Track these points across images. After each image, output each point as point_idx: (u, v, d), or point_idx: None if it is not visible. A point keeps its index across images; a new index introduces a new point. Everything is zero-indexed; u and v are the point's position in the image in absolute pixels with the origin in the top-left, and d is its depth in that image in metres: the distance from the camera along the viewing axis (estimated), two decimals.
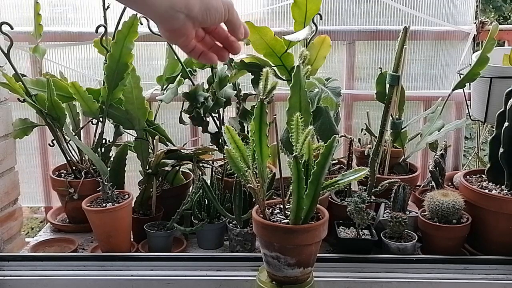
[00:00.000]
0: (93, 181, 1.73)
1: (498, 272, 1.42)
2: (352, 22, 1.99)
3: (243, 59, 1.64)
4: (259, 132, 1.11)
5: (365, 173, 1.13)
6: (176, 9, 0.60)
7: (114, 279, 1.44)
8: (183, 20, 0.61)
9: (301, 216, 1.12)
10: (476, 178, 1.63)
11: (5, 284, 1.45)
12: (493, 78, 1.71)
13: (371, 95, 1.76)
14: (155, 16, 0.61)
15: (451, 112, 2.08)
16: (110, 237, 1.56)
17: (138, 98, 1.67)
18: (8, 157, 1.72)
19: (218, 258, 1.50)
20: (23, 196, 1.90)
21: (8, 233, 1.72)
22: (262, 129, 1.10)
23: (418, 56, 2.05)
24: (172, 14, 0.60)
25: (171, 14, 0.60)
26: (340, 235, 1.53)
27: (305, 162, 1.09)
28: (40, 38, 1.84)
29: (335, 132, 1.52)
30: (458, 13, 1.99)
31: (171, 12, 0.60)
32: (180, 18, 0.61)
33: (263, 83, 1.06)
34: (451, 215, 1.48)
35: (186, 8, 0.60)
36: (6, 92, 1.67)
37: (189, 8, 0.61)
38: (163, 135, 1.79)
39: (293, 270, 1.14)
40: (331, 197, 1.65)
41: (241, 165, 1.14)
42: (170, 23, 0.61)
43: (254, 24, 1.51)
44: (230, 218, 1.58)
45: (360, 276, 1.42)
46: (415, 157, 2.05)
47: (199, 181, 1.59)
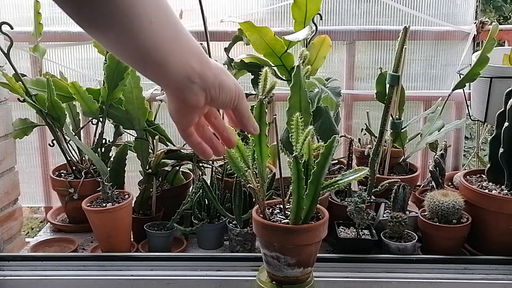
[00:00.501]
0: (93, 181, 1.73)
1: (498, 272, 1.42)
2: (352, 22, 1.99)
3: (243, 59, 1.64)
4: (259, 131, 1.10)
5: (365, 173, 1.13)
6: (191, 80, 0.61)
7: (114, 279, 1.44)
8: (197, 90, 0.62)
9: (301, 216, 1.12)
10: (476, 178, 1.63)
11: (5, 284, 1.45)
12: (493, 78, 1.71)
13: (371, 95, 1.76)
14: (170, 85, 0.62)
15: (451, 112, 2.08)
16: (110, 237, 1.56)
17: (138, 98, 1.67)
18: (8, 157, 1.72)
19: (218, 258, 1.49)
20: (23, 196, 1.90)
21: (8, 233, 1.72)
22: (261, 129, 1.10)
23: (418, 56, 2.05)
24: (187, 84, 0.61)
25: (186, 85, 0.61)
26: (340, 235, 1.53)
27: (305, 162, 1.09)
28: (40, 37, 1.84)
29: (335, 132, 1.52)
30: (458, 13, 1.99)
31: (186, 82, 0.61)
32: (195, 89, 0.62)
33: (262, 83, 1.06)
34: (451, 215, 1.48)
35: (200, 79, 0.61)
36: (6, 92, 1.67)
37: (204, 79, 0.62)
38: (163, 135, 1.79)
39: (293, 270, 1.14)
40: (331, 197, 1.65)
41: (241, 165, 1.14)
42: (184, 94, 0.62)
43: (254, 24, 1.51)
44: (230, 218, 1.58)
45: (360, 276, 1.42)
46: (415, 157, 2.05)
47: (199, 181, 1.59)
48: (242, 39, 1.74)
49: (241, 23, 1.53)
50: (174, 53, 0.58)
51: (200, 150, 0.72)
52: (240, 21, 1.54)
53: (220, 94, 0.65)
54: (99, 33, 0.55)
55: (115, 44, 0.56)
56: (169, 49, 0.57)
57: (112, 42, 0.56)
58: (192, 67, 0.60)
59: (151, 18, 0.54)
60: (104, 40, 0.56)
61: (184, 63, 0.59)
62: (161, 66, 0.58)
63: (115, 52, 0.58)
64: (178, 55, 0.58)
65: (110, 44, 0.57)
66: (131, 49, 0.56)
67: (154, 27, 0.55)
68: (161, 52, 0.56)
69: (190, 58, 0.60)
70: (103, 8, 0.51)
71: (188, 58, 0.60)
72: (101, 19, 0.52)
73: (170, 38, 0.57)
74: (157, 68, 0.58)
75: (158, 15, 0.55)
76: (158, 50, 0.56)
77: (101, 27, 0.54)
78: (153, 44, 0.55)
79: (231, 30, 1.90)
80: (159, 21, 0.55)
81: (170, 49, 0.57)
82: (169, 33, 0.57)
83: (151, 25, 0.54)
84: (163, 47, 0.56)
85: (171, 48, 0.57)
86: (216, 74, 0.64)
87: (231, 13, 1.98)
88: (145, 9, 0.53)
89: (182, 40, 0.59)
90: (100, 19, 0.52)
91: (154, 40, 0.55)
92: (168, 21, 0.57)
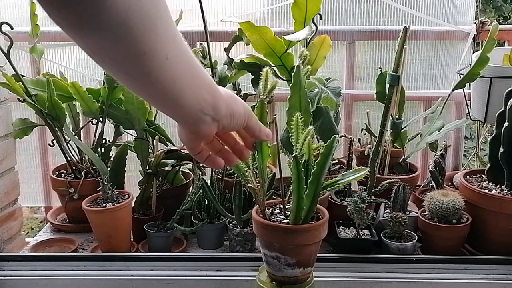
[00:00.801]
0: (93, 181, 1.73)
1: (498, 272, 1.42)
2: (352, 22, 1.99)
3: (243, 59, 1.64)
4: None
5: (365, 173, 1.13)
6: (205, 112, 0.61)
7: (114, 279, 1.44)
8: (210, 122, 0.62)
9: (301, 216, 1.12)
10: (476, 178, 1.63)
11: (5, 284, 1.45)
12: (493, 78, 1.71)
13: (371, 95, 1.76)
14: (184, 118, 0.62)
15: (451, 112, 2.08)
16: (110, 237, 1.56)
17: (138, 98, 1.67)
18: (8, 157, 1.72)
19: (218, 258, 1.49)
20: (23, 196, 1.90)
21: (8, 233, 1.72)
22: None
23: (418, 56, 2.05)
24: (200, 116, 0.61)
25: (199, 117, 0.61)
26: (340, 235, 1.53)
27: (305, 162, 1.09)
28: (37, 38, 1.83)
29: (335, 132, 1.52)
30: (458, 13, 1.99)
31: (200, 114, 0.61)
32: (207, 121, 0.62)
33: (263, 83, 1.06)
34: (451, 215, 1.48)
35: (213, 111, 0.62)
36: (6, 92, 1.67)
37: (216, 111, 0.62)
38: (163, 135, 1.79)
39: (293, 270, 1.14)
40: (331, 197, 1.65)
41: (241, 165, 1.14)
42: (197, 126, 0.62)
43: (254, 24, 1.51)
44: (230, 218, 1.58)
45: (360, 276, 1.42)
46: (415, 157, 2.05)
47: (199, 181, 1.59)
48: (242, 39, 1.74)
49: (241, 23, 1.53)
50: (188, 87, 0.58)
51: (210, 163, 0.72)
52: (240, 21, 1.54)
53: (232, 122, 0.66)
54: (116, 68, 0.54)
55: (133, 80, 0.55)
56: (184, 84, 0.57)
57: (129, 78, 0.55)
58: (205, 99, 0.60)
59: (167, 54, 0.53)
60: (121, 76, 0.55)
61: (198, 96, 0.59)
62: (176, 101, 0.58)
63: (131, 87, 0.58)
64: (192, 89, 0.58)
65: (127, 80, 0.56)
66: (147, 85, 0.55)
67: (170, 64, 0.54)
68: (176, 87, 0.56)
69: (203, 90, 0.60)
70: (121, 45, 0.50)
71: (202, 91, 0.60)
72: (119, 54, 0.51)
73: (185, 73, 0.57)
74: (171, 102, 0.58)
75: (174, 51, 0.54)
76: (174, 85, 0.56)
77: (119, 63, 0.53)
78: (168, 80, 0.55)
79: (231, 30, 1.90)
80: (174, 57, 0.54)
81: (185, 84, 0.57)
82: (184, 69, 0.56)
83: (167, 62, 0.53)
84: (178, 83, 0.56)
85: (186, 83, 0.57)
86: (227, 104, 0.64)
87: (231, 13, 1.98)
88: (162, 45, 0.52)
89: (195, 73, 0.59)
90: (118, 55, 0.51)
91: (170, 76, 0.55)
92: (182, 56, 0.56)
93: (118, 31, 0.48)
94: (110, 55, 0.51)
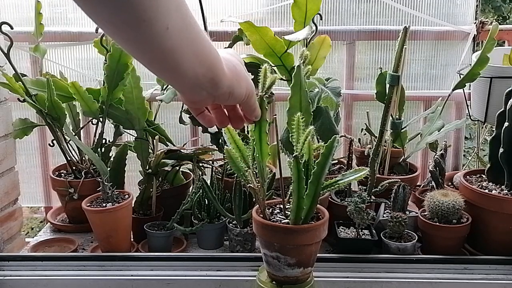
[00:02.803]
0: (93, 181, 1.73)
1: (498, 272, 1.42)
2: (352, 22, 1.99)
3: (243, 59, 1.63)
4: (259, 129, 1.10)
5: (365, 173, 1.13)
6: (202, 87, 0.62)
7: (114, 279, 1.44)
8: (205, 96, 0.64)
9: (301, 216, 1.12)
10: (476, 178, 1.63)
11: (5, 284, 1.45)
12: (493, 78, 1.71)
13: (371, 95, 1.76)
14: (180, 87, 0.63)
15: (451, 112, 2.08)
16: (110, 237, 1.56)
17: (138, 98, 1.67)
18: (8, 157, 1.72)
19: (218, 258, 1.49)
20: (23, 196, 1.90)
21: (8, 233, 1.72)
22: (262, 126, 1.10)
23: (418, 56, 2.05)
24: (196, 89, 0.62)
25: (195, 90, 0.62)
26: (340, 235, 1.53)
27: (305, 162, 1.09)
28: (41, 37, 1.84)
29: (335, 132, 1.52)
30: (458, 13, 1.99)
31: (196, 88, 0.62)
32: (203, 94, 0.63)
33: (262, 79, 1.05)
34: (451, 215, 1.48)
35: (211, 88, 0.63)
36: (6, 92, 1.67)
37: (214, 89, 0.63)
38: (163, 135, 1.79)
39: (293, 270, 1.14)
40: (331, 197, 1.65)
41: (241, 165, 1.14)
42: (192, 96, 0.64)
43: (254, 24, 1.51)
44: (230, 218, 1.58)
45: (360, 276, 1.42)
46: (415, 157, 2.05)
47: (199, 181, 1.59)
48: (242, 39, 1.74)
49: (241, 23, 1.53)
50: (188, 61, 0.58)
51: (202, 119, 0.74)
52: (240, 21, 1.54)
53: (228, 100, 0.67)
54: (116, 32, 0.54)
55: (131, 45, 0.56)
56: (184, 57, 0.57)
57: (128, 43, 0.55)
58: (204, 75, 0.60)
59: (167, 23, 0.53)
60: (120, 40, 0.56)
61: (196, 71, 0.59)
62: (173, 71, 0.58)
63: (130, 52, 0.58)
64: (192, 63, 0.58)
65: (126, 44, 0.56)
66: (145, 52, 0.56)
67: (170, 34, 0.54)
68: (175, 58, 0.56)
69: (204, 67, 0.60)
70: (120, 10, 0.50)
71: (203, 67, 0.60)
72: (118, 19, 0.51)
73: (186, 45, 0.57)
74: (168, 72, 0.59)
75: (176, 22, 0.54)
76: (172, 56, 0.56)
77: (118, 28, 0.53)
78: (168, 50, 0.55)
79: (231, 30, 1.90)
80: (176, 28, 0.54)
81: (185, 57, 0.57)
82: (185, 41, 0.56)
83: (167, 32, 0.54)
84: (178, 54, 0.56)
85: (186, 56, 0.57)
86: (230, 84, 0.65)
87: (231, 13, 1.98)
88: (163, 14, 0.52)
89: (199, 48, 0.59)
90: (117, 19, 0.52)
91: (170, 46, 0.55)
92: (185, 29, 0.56)
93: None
94: (108, 19, 0.51)
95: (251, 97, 0.72)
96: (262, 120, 1.10)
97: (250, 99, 0.72)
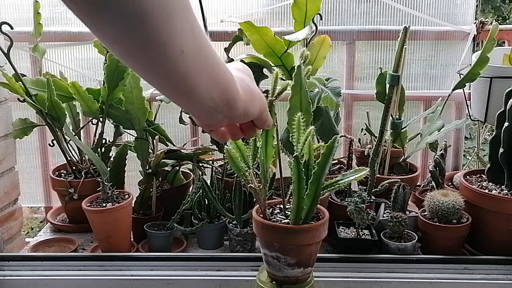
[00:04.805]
0: (93, 181, 1.73)
1: (498, 272, 1.42)
2: (352, 22, 1.99)
3: (243, 59, 1.64)
4: (266, 133, 1.11)
5: (365, 173, 1.13)
6: (218, 110, 0.59)
7: (114, 279, 1.44)
8: (221, 118, 0.61)
9: (302, 216, 1.12)
10: (476, 178, 1.63)
11: (5, 284, 1.45)
12: (493, 78, 1.71)
13: (371, 95, 1.76)
14: (195, 112, 0.61)
15: (451, 112, 2.08)
16: (110, 237, 1.56)
17: (138, 98, 1.67)
18: (8, 157, 1.72)
19: (218, 258, 1.49)
20: (23, 196, 1.90)
21: (8, 233, 1.72)
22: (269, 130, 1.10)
23: (418, 56, 2.05)
24: (212, 113, 0.59)
25: (211, 113, 0.59)
26: (340, 235, 1.53)
27: (306, 162, 1.09)
28: (39, 37, 1.84)
29: (335, 132, 1.52)
30: (458, 13, 1.99)
31: (212, 112, 0.59)
32: (219, 117, 0.61)
33: (273, 84, 1.06)
34: (451, 215, 1.48)
35: (227, 111, 0.60)
36: (6, 92, 1.67)
37: (230, 111, 0.61)
38: (163, 135, 1.79)
39: (293, 270, 1.14)
40: (331, 197, 1.65)
41: (241, 165, 1.14)
42: (208, 120, 0.62)
43: (254, 24, 1.51)
44: (230, 218, 1.58)
45: (360, 276, 1.42)
46: (415, 157, 2.05)
47: (199, 181, 1.59)
48: (242, 39, 1.74)
49: (241, 23, 1.53)
50: (204, 84, 0.55)
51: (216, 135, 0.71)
52: (240, 21, 1.54)
53: (243, 119, 0.65)
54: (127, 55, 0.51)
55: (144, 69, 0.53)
56: (199, 81, 0.54)
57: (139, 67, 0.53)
58: (220, 99, 0.58)
59: (182, 48, 0.50)
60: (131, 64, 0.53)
61: (212, 95, 0.57)
62: (188, 95, 0.56)
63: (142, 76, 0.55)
64: (208, 87, 0.56)
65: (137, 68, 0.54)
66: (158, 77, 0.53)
67: (185, 57, 0.51)
68: (190, 82, 0.54)
69: (219, 90, 0.58)
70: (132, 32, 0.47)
71: (218, 90, 0.57)
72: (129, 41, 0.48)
73: (201, 69, 0.54)
74: (183, 96, 0.56)
75: (190, 45, 0.51)
76: (187, 80, 0.53)
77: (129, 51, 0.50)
78: (182, 74, 0.52)
79: (231, 30, 1.90)
80: (190, 51, 0.51)
81: (200, 81, 0.54)
82: (200, 64, 0.54)
83: (182, 55, 0.50)
84: (192, 78, 0.54)
85: (201, 79, 0.54)
86: (245, 106, 0.63)
87: (231, 13, 1.98)
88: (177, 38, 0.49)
89: (214, 71, 0.56)
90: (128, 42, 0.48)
91: (184, 70, 0.52)
92: (200, 51, 0.53)
93: (131, 20, 0.45)
94: (121, 43, 0.49)
95: (263, 112, 0.69)
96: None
97: (262, 114, 0.69)
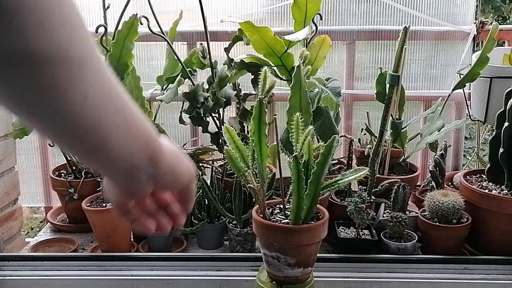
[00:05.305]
0: (93, 181, 1.73)
1: (498, 272, 1.42)
2: (352, 22, 1.99)
3: (243, 59, 1.64)
4: (258, 131, 1.11)
5: (365, 173, 1.13)
6: (140, 169, 0.49)
7: (114, 279, 1.44)
8: (145, 181, 0.51)
9: (301, 216, 1.12)
10: (476, 178, 1.63)
11: (5, 284, 1.45)
12: (493, 78, 1.71)
13: (371, 95, 1.76)
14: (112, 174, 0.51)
15: (451, 112, 2.08)
16: (110, 237, 1.56)
17: (138, 98, 1.67)
18: (8, 157, 1.72)
19: (218, 258, 1.49)
20: (23, 196, 1.90)
21: (8, 233, 1.72)
22: (261, 128, 1.10)
23: (418, 56, 2.05)
24: (134, 173, 0.49)
25: (133, 174, 0.49)
26: (340, 235, 1.52)
27: (305, 162, 1.09)
28: None
29: (335, 132, 1.52)
30: (458, 13, 1.99)
31: (134, 171, 0.49)
32: (142, 179, 0.50)
33: (262, 82, 1.06)
34: (451, 215, 1.48)
35: (152, 168, 0.50)
36: None
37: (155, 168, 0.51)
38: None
39: (293, 270, 1.14)
40: (331, 197, 1.65)
41: (241, 165, 1.14)
42: (129, 184, 0.51)
43: (254, 24, 1.51)
44: (230, 218, 1.58)
45: (360, 276, 1.42)
46: (415, 157, 2.05)
47: (199, 181, 1.59)
48: (242, 39, 1.74)
49: (241, 23, 1.53)
50: (119, 136, 0.46)
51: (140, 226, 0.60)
52: (240, 21, 1.54)
53: (172, 182, 0.55)
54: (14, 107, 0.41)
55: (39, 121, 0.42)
56: (112, 132, 0.45)
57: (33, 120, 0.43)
58: (141, 153, 0.49)
59: (86, 92, 0.41)
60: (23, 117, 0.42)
61: (131, 149, 0.47)
62: (101, 152, 0.46)
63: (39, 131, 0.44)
64: (124, 139, 0.46)
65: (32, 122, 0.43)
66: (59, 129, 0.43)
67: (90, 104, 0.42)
68: (101, 135, 0.44)
69: (139, 142, 0.48)
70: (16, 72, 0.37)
71: (137, 142, 0.48)
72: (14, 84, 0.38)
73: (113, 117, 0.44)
74: (95, 154, 0.46)
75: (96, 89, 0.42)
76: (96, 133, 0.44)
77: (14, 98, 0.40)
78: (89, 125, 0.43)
79: (231, 30, 1.90)
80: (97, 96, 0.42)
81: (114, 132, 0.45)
82: (111, 112, 0.44)
83: (86, 101, 0.41)
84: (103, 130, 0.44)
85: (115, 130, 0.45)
86: (171, 162, 0.53)
87: (231, 13, 1.98)
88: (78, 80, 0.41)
89: (130, 119, 0.47)
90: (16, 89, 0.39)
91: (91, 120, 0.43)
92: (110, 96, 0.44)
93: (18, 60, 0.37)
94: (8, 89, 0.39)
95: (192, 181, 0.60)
96: (261, 122, 1.10)
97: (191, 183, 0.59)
